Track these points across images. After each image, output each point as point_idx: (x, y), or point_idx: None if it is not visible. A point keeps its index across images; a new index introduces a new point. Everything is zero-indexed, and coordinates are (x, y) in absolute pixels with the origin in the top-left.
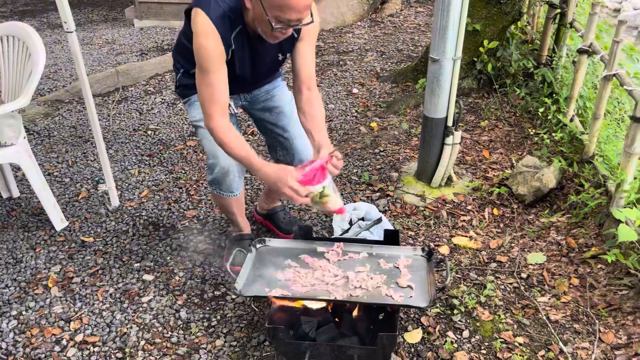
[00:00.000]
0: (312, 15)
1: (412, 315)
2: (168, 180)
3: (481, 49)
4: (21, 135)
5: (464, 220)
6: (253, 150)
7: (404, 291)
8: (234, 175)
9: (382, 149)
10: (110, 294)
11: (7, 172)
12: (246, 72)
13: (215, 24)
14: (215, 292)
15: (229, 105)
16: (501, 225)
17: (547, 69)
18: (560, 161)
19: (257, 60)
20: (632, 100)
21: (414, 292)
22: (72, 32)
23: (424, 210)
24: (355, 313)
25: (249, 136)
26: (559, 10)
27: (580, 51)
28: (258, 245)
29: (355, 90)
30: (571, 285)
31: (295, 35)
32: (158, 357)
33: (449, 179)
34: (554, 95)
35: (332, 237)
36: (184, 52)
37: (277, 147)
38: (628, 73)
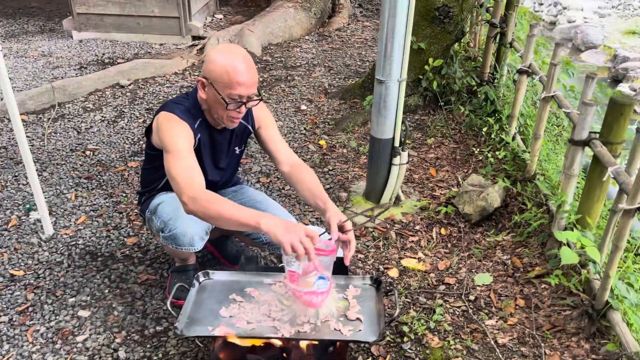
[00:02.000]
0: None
1: (362, 345)
2: (107, 204)
3: (426, 67)
4: None
5: (413, 241)
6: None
7: (352, 324)
8: (198, 235)
9: (331, 168)
10: (42, 334)
11: None
12: (209, 165)
13: (180, 117)
14: (157, 328)
15: None
16: (449, 245)
17: (490, 86)
18: (504, 180)
19: (217, 151)
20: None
21: (363, 325)
22: None
23: (373, 231)
24: (303, 348)
25: None
26: (499, 30)
27: (520, 71)
28: (202, 279)
29: (303, 107)
30: (517, 307)
31: (250, 128)
32: None
33: (397, 198)
34: (496, 113)
35: (280, 265)
36: (148, 175)
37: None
38: (564, 86)
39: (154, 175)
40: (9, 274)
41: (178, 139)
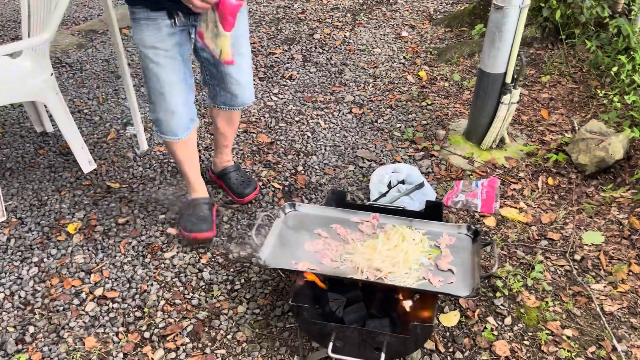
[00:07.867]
0: None
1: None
2: (200, 124)
3: None
4: (47, 72)
5: (515, 189)
6: None
7: (443, 275)
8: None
9: (429, 102)
10: (133, 247)
11: (39, 106)
12: None
13: None
14: (241, 253)
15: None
16: (556, 197)
17: (624, 19)
18: (632, 130)
19: None
20: None
21: (455, 277)
22: None
23: (471, 174)
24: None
25: (287, 80)
26: None
27: None
28: (287, 210)
29: (404, 34)
30: (630, 273)
31: None
32: (177, 319)
33: (502, 140)
34: (629, 51)
35: (368, 204)
36: None
37: None
38: None
39: None
40: (106, 185)
41: None
